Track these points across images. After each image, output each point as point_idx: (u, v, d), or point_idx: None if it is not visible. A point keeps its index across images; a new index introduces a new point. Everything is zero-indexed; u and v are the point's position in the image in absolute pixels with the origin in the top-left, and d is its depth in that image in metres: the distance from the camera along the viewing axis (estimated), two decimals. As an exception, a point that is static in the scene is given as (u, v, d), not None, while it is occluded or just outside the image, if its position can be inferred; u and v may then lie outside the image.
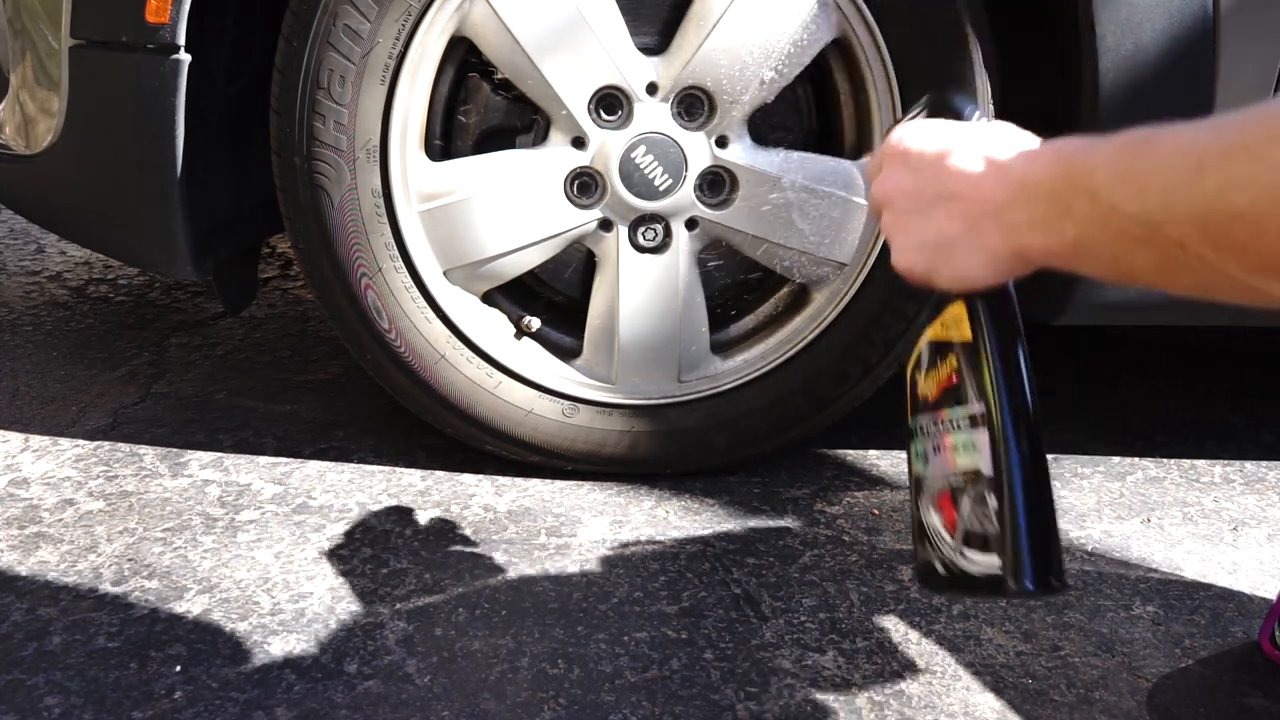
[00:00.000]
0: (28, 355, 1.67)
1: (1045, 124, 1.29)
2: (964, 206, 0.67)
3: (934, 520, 0.73)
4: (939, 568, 0.73)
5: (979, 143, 0.68)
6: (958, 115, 0.75)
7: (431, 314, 1.26)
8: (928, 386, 0.76)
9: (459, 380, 1.29)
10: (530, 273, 1.30)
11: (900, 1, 1.19)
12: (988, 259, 0.67)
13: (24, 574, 1.14)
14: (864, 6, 1.19)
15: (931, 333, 0.76)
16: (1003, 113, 1.23)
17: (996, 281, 0.70)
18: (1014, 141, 0.67)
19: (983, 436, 0.69)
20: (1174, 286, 0.57)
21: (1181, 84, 1.15)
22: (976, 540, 0.68)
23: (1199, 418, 1.62)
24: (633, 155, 1.22)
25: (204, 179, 1.26)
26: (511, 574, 1.17)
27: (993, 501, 0.67)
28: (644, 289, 1.28)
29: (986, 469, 0.68)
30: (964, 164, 0.67)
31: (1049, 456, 0.72)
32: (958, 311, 0.73)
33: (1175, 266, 0.55)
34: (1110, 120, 1.17)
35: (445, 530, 1.25)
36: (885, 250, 1.28)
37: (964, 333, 0.72)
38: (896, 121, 0.75)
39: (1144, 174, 0.55)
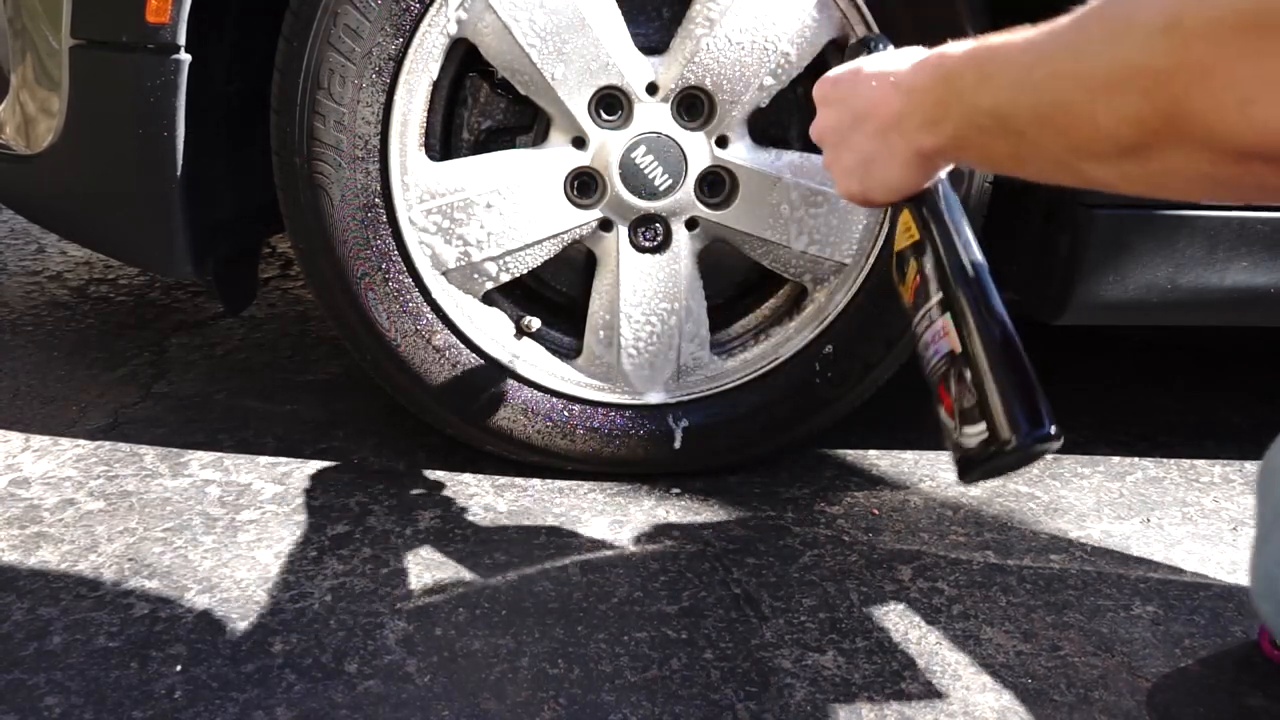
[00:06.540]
0: (28, 355, 1.67)
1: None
2: (873, 125, 0.76)
3: (941, 413, 0.78)
4: (956, 455, 0.77)
5: (879, 67, 0.77)
6: (872, 51, 0.86)
7: (431, 314, 1.26)
8: (906, 293, 0.82)
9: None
10: (530, 273, 1.30)
11: (900, 1, 1.19)
12: (901, 165, 0.76)
13: (25, 574, 1.14)
14: (864, 6, 1.19)
15: (896, 246, 0.83)
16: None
17: (921, 185, 0.79)
18: (907, 58, 0.75)
19: (949, 319, 0.75)
20: (1026, 172, 0.66)
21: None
22: (968, 415, 0.73)
23: (1199, 418, 1.62)
24: (633, 155, 1.22)
25: (204, 179, 1.26)
26: (511, 574, 1.18)
27: (968, 374, 0.73)
28: (644, 289, 1.28)
29: (958, 346, 0.74)
30: (868, 88, 0.77)
31: (1048, 456, 0.75)
32: (906, 219, 0.81)
33: (1023, 153, 0.63)
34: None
35: (445, 530, 1.25)
36: (886, 250, 1.28)
37: (914, 235, 0.80)
38: None
39: (993, 74, 0.64)
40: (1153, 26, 0.51)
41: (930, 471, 1.43)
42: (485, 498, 1.32)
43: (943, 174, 0.81)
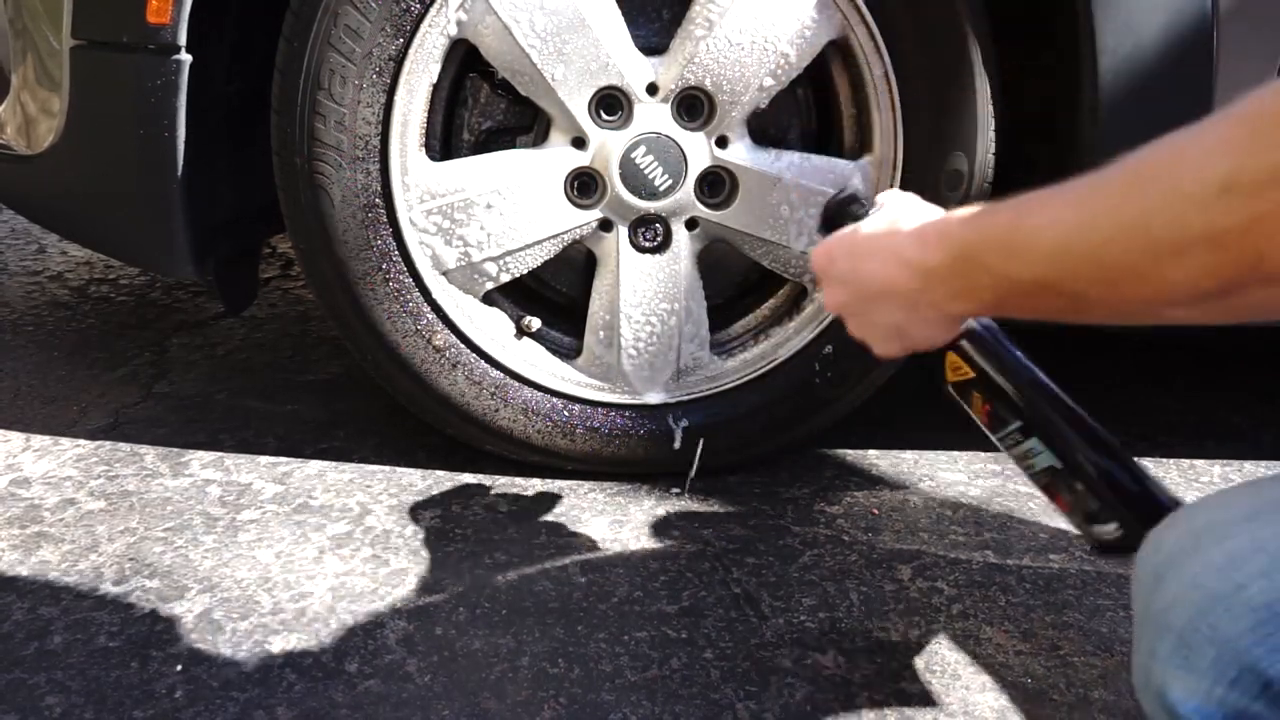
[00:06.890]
0: (29, 355, 1.67)
1: (1046, 126, 1.29)
2: (895, 300, 0.76)
3: (1059, 510, 0.84)
4: (1089, 540, 0.83)
5: (876, 242, 0.77)
6: (855, 216, 0.89)
7: (432, 314, 1.27)
8: (979, 417, 0.87)
9: (459, 380, 1.29)
10: (530, 273, 1.30)
11: (900, 2, 1.19)
12: (936, 325, 0.79)
13: (25, 573, 1.14)
14: (864, 7, 1.19)
15: (948, 378, 0.87)
16: (1003, 114, 1.23)
17: (959, 330, 0.82)
18: (905, 228, 0.75)
19: (1038, 442, 0.81)
20: (1092, 319, 0.65)
21: (1181, 84, 1.15)
22: (1093, 516, 0.80)
23: (1199, 418, 1.62)
24: (633, 155, 1.22)
25: (204, 179, 1.26)
26: (511, 574, 1.18)
27: (1080, 486, 0.80)
28: (644, 289, 1.28)
29: (1058, 464, 0.81)
30: (875, 265, 0.77)
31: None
32: (954, 359, 0.85)
33: (1086, 306, 0.61)
34: (1111, 120, 1.17)
35: (445, 530, 1.25)
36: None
37: (968, 372, 0.85)
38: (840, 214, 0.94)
39: (1020, 248, 0.63)
40: (1208, 189, 0.50)
41: (930, 471, 1.43)
42: (485, 498, 1.32)
43: None
